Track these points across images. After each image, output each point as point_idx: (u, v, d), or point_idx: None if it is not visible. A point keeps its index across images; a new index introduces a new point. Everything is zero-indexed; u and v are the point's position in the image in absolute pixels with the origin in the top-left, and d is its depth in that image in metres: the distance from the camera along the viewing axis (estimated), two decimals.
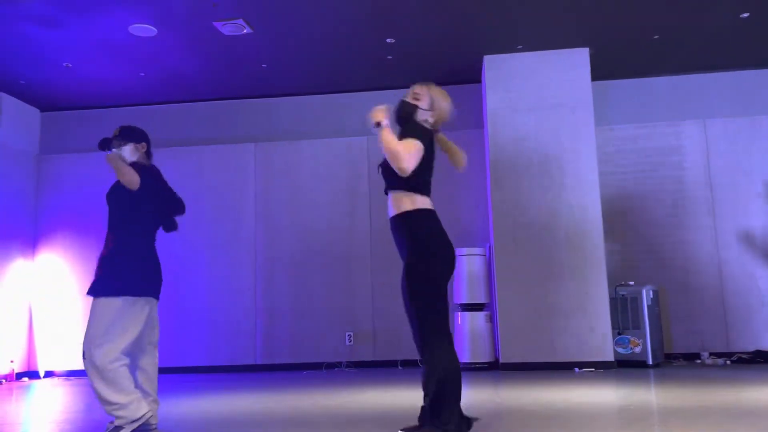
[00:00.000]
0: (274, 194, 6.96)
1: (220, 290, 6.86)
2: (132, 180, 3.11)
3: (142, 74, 6.45)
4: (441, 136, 2.95)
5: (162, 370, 6.65)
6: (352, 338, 6.63)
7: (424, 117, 2.87)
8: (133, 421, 3.07)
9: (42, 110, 7.37)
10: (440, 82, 7.34)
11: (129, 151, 3.35)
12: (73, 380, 6.52)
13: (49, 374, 6.87)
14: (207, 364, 6.70)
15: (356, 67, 6.47)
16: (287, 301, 6.73)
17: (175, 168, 7.12)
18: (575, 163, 6.05)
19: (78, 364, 6.88)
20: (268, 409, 4.02)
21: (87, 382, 6.30)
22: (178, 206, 3.52)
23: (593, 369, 5.68)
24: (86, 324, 3.17)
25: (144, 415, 3.10)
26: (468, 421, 2.74)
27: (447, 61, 6.37)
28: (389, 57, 6.21)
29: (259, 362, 6.67)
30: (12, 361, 6.60)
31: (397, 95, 7.58)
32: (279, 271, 6.80)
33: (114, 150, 3.34)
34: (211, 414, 3.94)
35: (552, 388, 4.53)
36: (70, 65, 6.18)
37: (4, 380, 6.45)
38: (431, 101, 2.90)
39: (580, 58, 6.17)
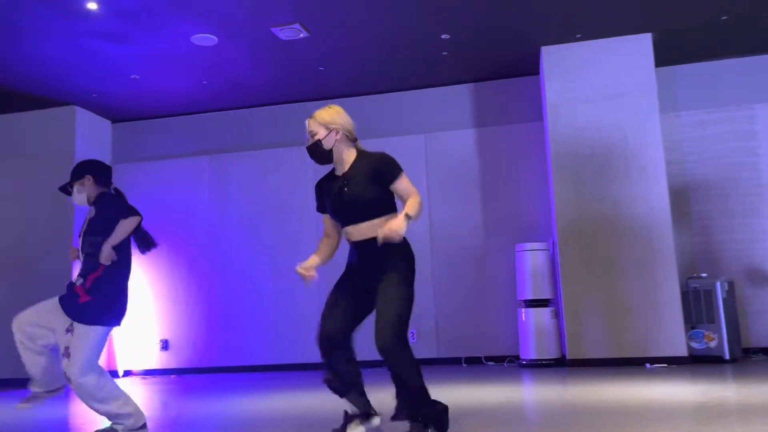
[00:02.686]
0: None
1: (283, 290, 6.99)
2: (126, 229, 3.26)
3: (205, 82, 6.66)
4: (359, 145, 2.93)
5: (229, 369, 6.85)
6: (415, 336, 6.64)
7: (331, 140, 2.82)
8: (137, 428, 3.16)
9: (113, 121, 7.71)
10: (497, 76, 7.32)
11: (76, 190, 3.40)
12: (149, 379, 6.80)
13: (127, 373, 7.19)
14: (272, 363, 6.86)
15: (412, 65, 6.48)
16: None
17: (239, 172, 7.33)
18: (640, 153, 5.86)
19: (153, 364, 7.17)
20: (338, 407, 4.08)
21: (163, 380, 6.57)
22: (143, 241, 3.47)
23: (666, 365, 5.50)
24: (73, 350, 3.09)
25: (144, 425, 3.21)
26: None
27: (503, 54, 6.30)
28: (444, 53, 6.19)
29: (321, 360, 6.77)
30: None
31: (453, 91, 7.56)
32: (337, 270, 6.87)
33: (74, 197, 3.39)
34: (289, 412, 4.02)
35: (623, 385, 4.41)
36: (138, 77, 6.44)
37: None
38: (324, 125, 2.82)
39: (642, 44, 5.97)
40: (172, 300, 7.20)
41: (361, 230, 2.79)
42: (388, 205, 2.81)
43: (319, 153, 2.84)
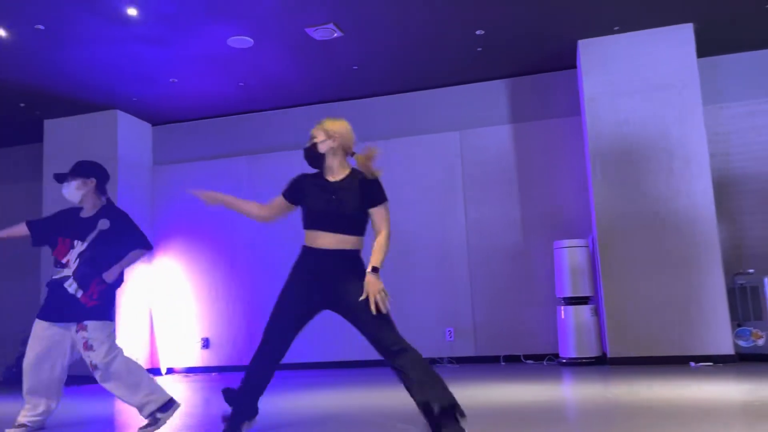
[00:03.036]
0: None
1: None
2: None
3: (241, 84, 6.75)
4: (359, 156, 3.02)
5: (280, 366, 6.92)
6: (452, 334, 6.61)
7: (326, 146, 3.00)
8: (165, 404, 3.38)
9: (153, 124, 7.88)
10: (532, 71, 7.23)
11: (75, 186, 3.57)
12: (191, 376, 6.93)
13: (170, 371, 7.34)
14: (313, 360, 6.91)
15: (446, 62, 6.44)
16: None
17: (275, 172, 7.40)
18: (683, 147, 5.72)
19: (194, 362, 7.31)
20: (381, 405, 4.09)
21: (204, 377, 6.68)
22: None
23: (711, 363, 5.35)
24: (95, 342, 3.38)
25: (172, 398, 3.43)
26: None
27: (539, 48, 6.21)
28: (479, 49, 6.14)
29: (362, 358, 6.79)
30: (137, 359, 7.10)
31: (488, 87, 7.47)
32: None
33: (67, 187, 3.61)
34: (330, 410, 4.05)
35: (666, 384, 4.32)
36: (176, 80, 6.56)
37: None
38: (326, 132, 3.01)
39: (683, 35, 5.82)
40: (213, 299, 7.32)
41: (337, 240, 2.89)
42: (364, 227, 2.97)
43: (313, 155, 3.01)
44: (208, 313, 7.33)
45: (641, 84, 5.89)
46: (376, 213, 2.94)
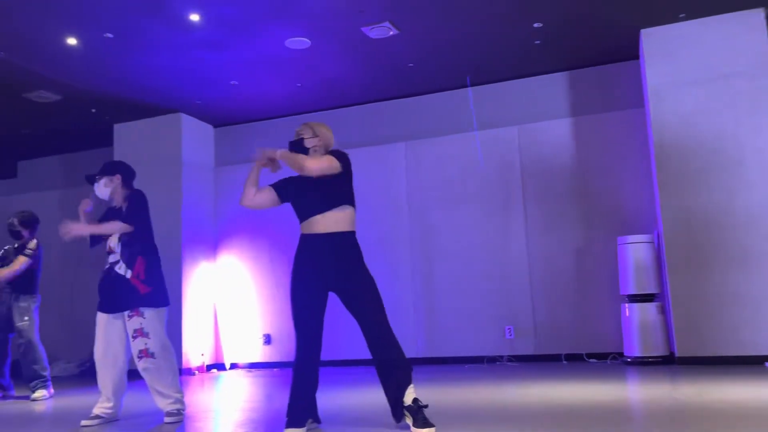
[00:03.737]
0: (427, 190, 7.05)
1: (380, 285, 7.06)
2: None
3: (299, 84, 6.85)
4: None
5: (330, 363, 7.03)
6: (512, 332, 6.53)
7: (312, 143, 3.28)
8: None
9: (215, 126, 8.10)
10: (592, 63, 7.04)
11: (103, 184, 3.81)
12: (254, 372, 7.10)
13: (234, 366, 7.54)
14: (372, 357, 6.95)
15: (503, 57, 6.36)
16: (446, 296, 6.79)
17: None
18: (755, 138, 5.46)
19: (256, 357, 7.48)
20: (439, 402, 4.08)
21: (266, 373, 6.84)
22: None
23: None
24: (151, 330, 3.58)
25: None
26: None
27: (599, 39, 6.05)
28: (537, 42, 6.03)
29: (421, 355, 6.80)
30: (202, 355, 7.33)
31: (547, 80, 7.32)
32: (436, 266, 6.88)
33: (97, 187, 3.83)
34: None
35: (739, 385, 4.14)
36: (237, 83, 6.73)
37: (196, 372, 7.19)
38: (312, 130, 3.30)
39: (754, 21, 5.55)
40: (274, 296, 7.47)
41: (332, 220, 3.10)
42: (350, 196, 3.19)
43: (299, 149, 3.26)
44: (269, 309, 7.49)
45: (709, 73, 5.65)
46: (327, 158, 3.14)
